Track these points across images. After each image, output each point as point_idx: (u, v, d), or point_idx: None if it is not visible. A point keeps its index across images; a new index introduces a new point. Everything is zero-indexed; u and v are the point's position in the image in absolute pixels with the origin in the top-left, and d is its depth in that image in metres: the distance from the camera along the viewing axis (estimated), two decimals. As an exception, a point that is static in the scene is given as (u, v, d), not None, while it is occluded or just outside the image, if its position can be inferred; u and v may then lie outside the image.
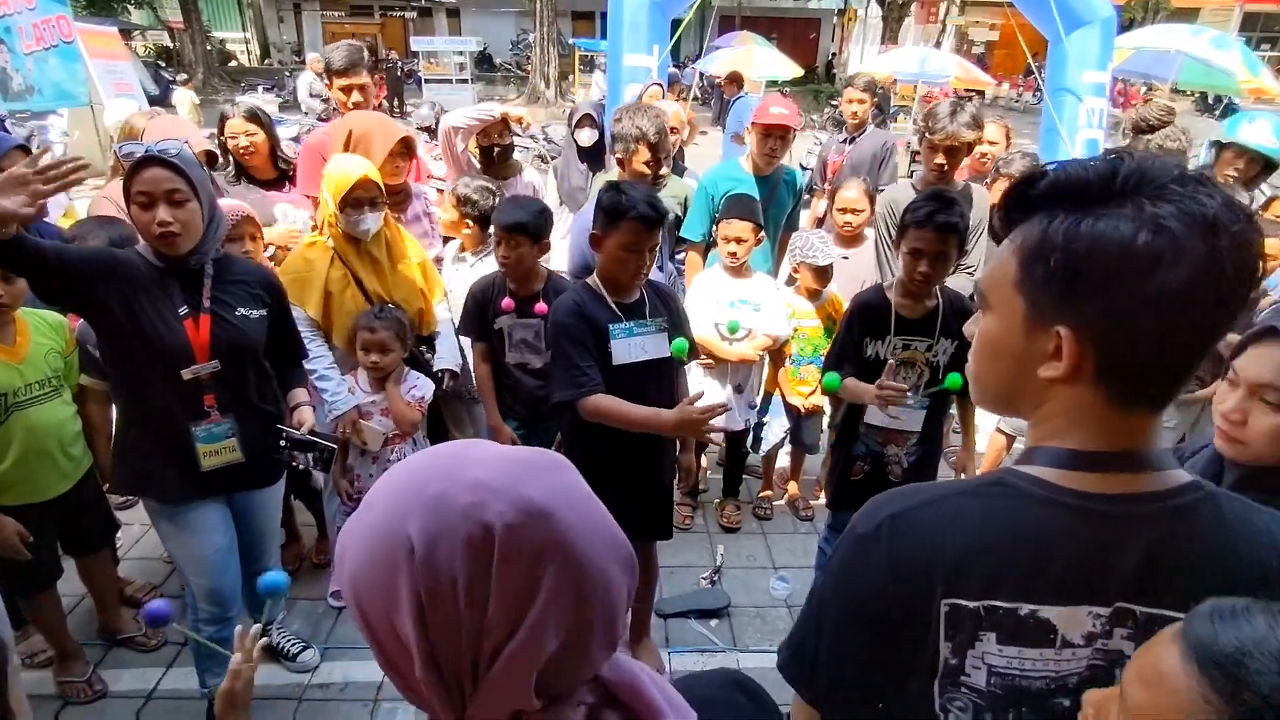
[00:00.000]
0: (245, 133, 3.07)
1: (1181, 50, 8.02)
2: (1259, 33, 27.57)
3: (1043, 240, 0.74)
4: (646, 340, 2.24)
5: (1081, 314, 0.73)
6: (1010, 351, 0.80)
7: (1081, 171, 0.73)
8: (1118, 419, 0.77)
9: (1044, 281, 0.74)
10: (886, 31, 23.80)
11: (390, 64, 19.89)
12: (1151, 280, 0.68)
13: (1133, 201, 0.70)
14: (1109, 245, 0.70)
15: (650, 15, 6.24)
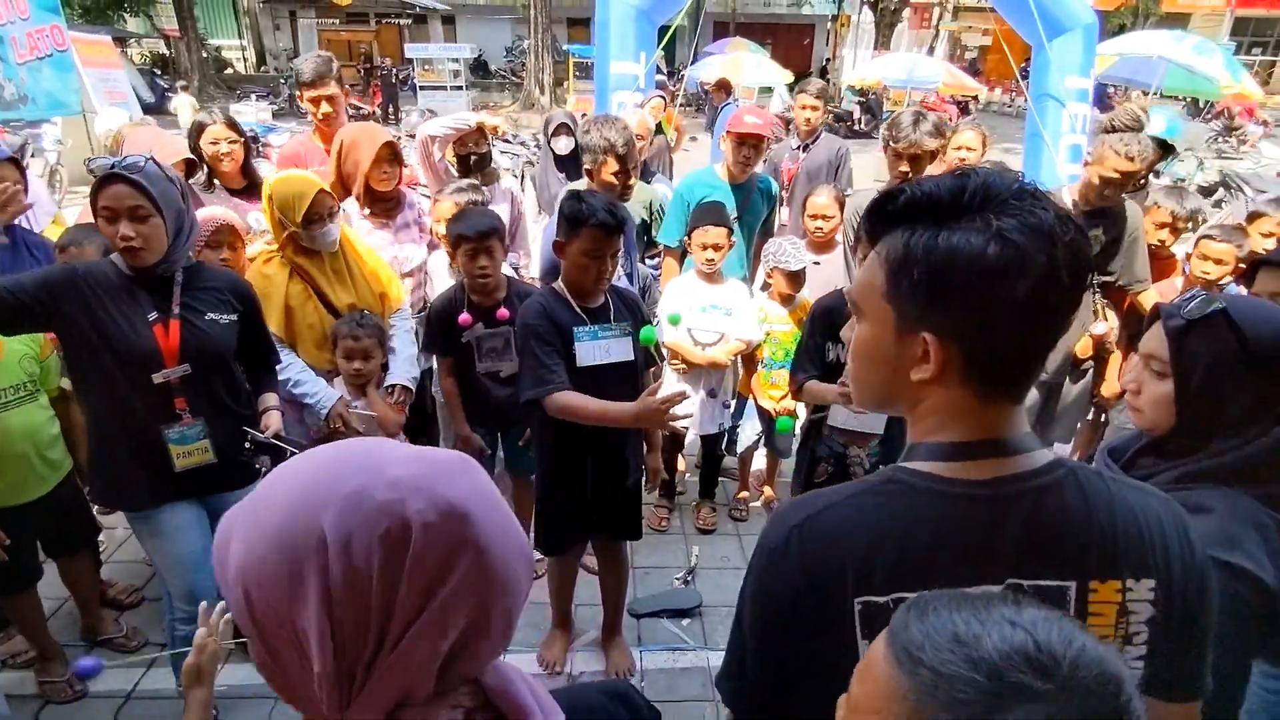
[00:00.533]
0: (227, 139, 3.12)
1: (1164, 56, 8.11)
2: (1250, 37, 27.77)
3: (905, 254, 0.80)
4: (611, 344, 2.32)
5: (944, 321, 0.80)
6: (884, 356, 0.86)
7: (934, 189, 0.80)
8: (985, 411, 0.83)
9: (909, 292, 0.80)
10: (879, 37, 23.94)
11: (385, 71, 20.02)
12: (1002, 287, 0.75)
13: (980, 216, 0.77)
14: (963, 257, 0.76)
15: (637, 23, 6.29)
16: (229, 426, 2.17)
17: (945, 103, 15.49)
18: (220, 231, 2.56)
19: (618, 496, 2.51)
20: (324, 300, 2.58)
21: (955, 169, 0.83)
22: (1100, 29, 7.08)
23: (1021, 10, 6.45)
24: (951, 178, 0.80)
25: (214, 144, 3.11)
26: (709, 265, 3.12)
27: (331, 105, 3.33)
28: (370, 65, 21.96)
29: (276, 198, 2.43)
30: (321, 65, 3.28)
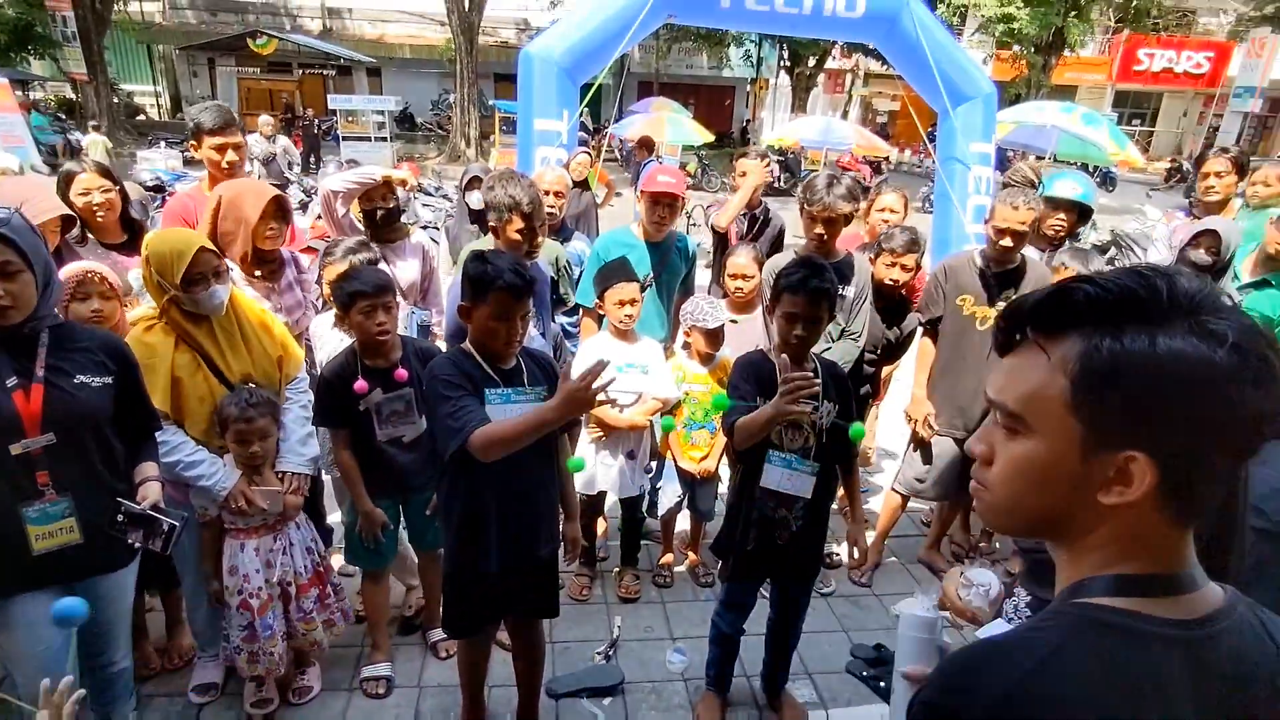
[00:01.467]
0: (100, 189, 2.89)
1: (1056, 125, 8.70)
2: (1130, 108, 30.36)
3: (1112, 362, 0.70)
4: (526, 409, 2.15)
5: (1156, 438, 0.69)
6: (1063, 477, 0.74)
7: (1129, 285, 0.71)
8: (1175, 538, 0.74)
9: (1114, 407, 0.70)
10: (796, 100, 25.11)
11: (307, 121, 19.70)
12: (1233, 397, 0.67)
13: (1194, 318, 0.69)
14: (1190, 366, 0.67)
15: (559, 81, 6.34)
16: (100, 502, 1.94)
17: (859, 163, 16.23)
18: (84, 283, 2.32)
19: (531, 570, 2.34)
20: (215, 370, 2.35)
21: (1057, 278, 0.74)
22: (999, 98, 7.54)
23: (926, 80, 6.80)
24: (1131, 274, 0.71)
25: (84, 195, 2.87)
26: (627, 322, 3.06)
27: (237, 154, 3.15)
28: (292, 115, 21.58)
29: (153, 257, 2.21)
30: (225, 113, 3.12)
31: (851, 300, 3.24)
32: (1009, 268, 3.27)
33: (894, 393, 3.96)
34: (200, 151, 3.16)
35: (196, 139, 3.15)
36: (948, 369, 3.43)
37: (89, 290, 2.33)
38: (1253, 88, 24.23)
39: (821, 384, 2.42)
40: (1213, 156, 4.08)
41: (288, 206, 2.87)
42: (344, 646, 2.94)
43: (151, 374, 2.19)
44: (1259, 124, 28.24)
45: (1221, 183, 4.04)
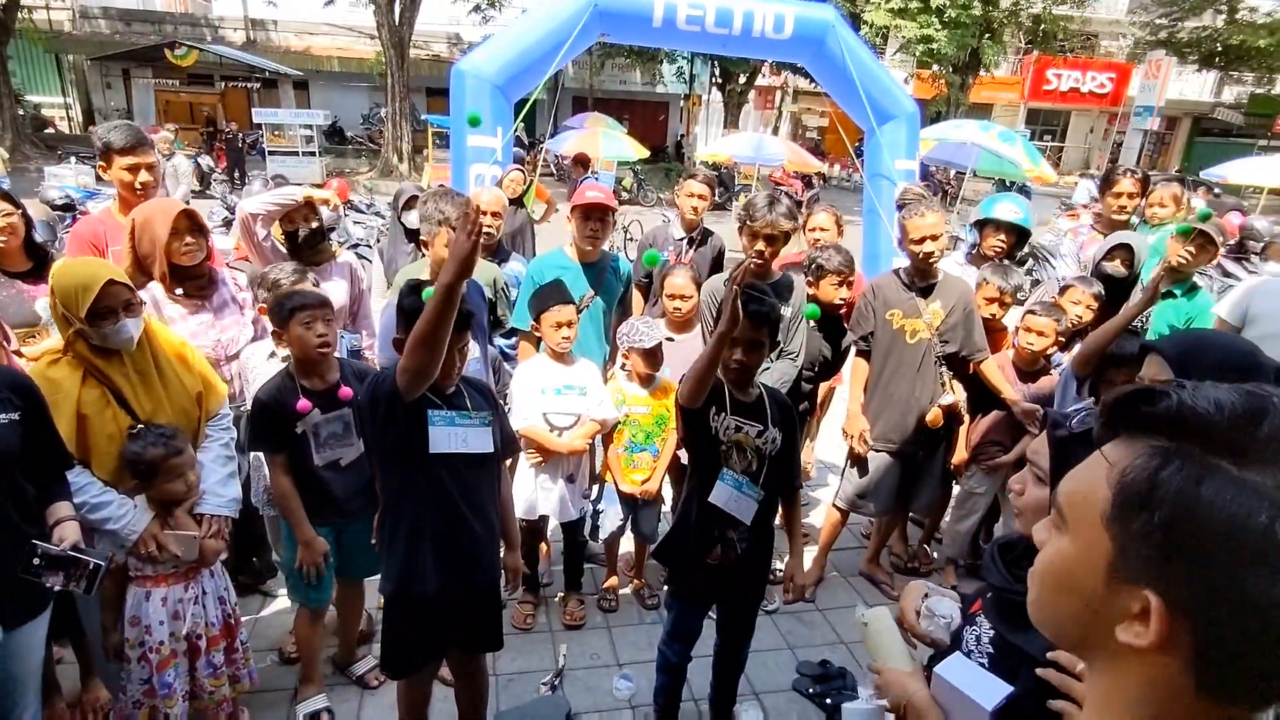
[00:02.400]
0: (1, 213, 2.71)
1: (975, 143, 9.06)
2: (1041, 125, 31.98)
3: (1150, 485, 0.60)
4: (470, 433, 2.12)
5: (1181, 588, 0.59)
6: (1083, 592, 0.66)
7: (1219, 403, 0.60)
8: (1210, 713, 0.62)
9: (1141, 534, 0.61)
10: (728, 115, 25.54)
11: (230, 135, 19.00)
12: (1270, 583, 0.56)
13: (1270, 465, 0.57)
14: (1228, 524, 0.56)
15: (492, 97, 6.26)
16: (10, 547, 1.79)
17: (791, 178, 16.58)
18: None
19: (471, 600, 2.27)
20: (126, 407, 2.19)
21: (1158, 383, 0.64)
22: (920, 115, 7.80)
23: (853, 99, 7.00)
24: (1242, 393, 0.60)
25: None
26: (564, 344, 3.02)
27: (150, 173, 3.00)
28: (214, 129, 20.78)
29: (58, 290, 2.07)
30: (135, 131, 2.97)
31: (789, 319, 3.27)
32: (932, 281, 3.38)
33: (835, 408, 4.01)
34: (110, 173, 2.98)
35: (106, 159, 2.98)
36: (880, 383, 3.50)
37: None
38: (1151, 106, 25.83)
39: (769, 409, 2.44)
40: (1121, 176, 4.23)
41: (199, 220, 2.73)
42: (275, 690, 2.80)
43: (55, 411, 2.03)
44: (1157, 140, 30.15)
45: (1132, 202, 4.22)
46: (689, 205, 4.23)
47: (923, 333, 3.37)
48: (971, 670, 1.25)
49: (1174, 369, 1.52)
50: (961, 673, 1.24)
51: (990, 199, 4.18)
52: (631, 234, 10.81)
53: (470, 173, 6.03)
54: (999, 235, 3.90)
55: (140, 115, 24.74)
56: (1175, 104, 28.83)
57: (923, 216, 3.24)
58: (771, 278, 3.29)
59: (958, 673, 1.24)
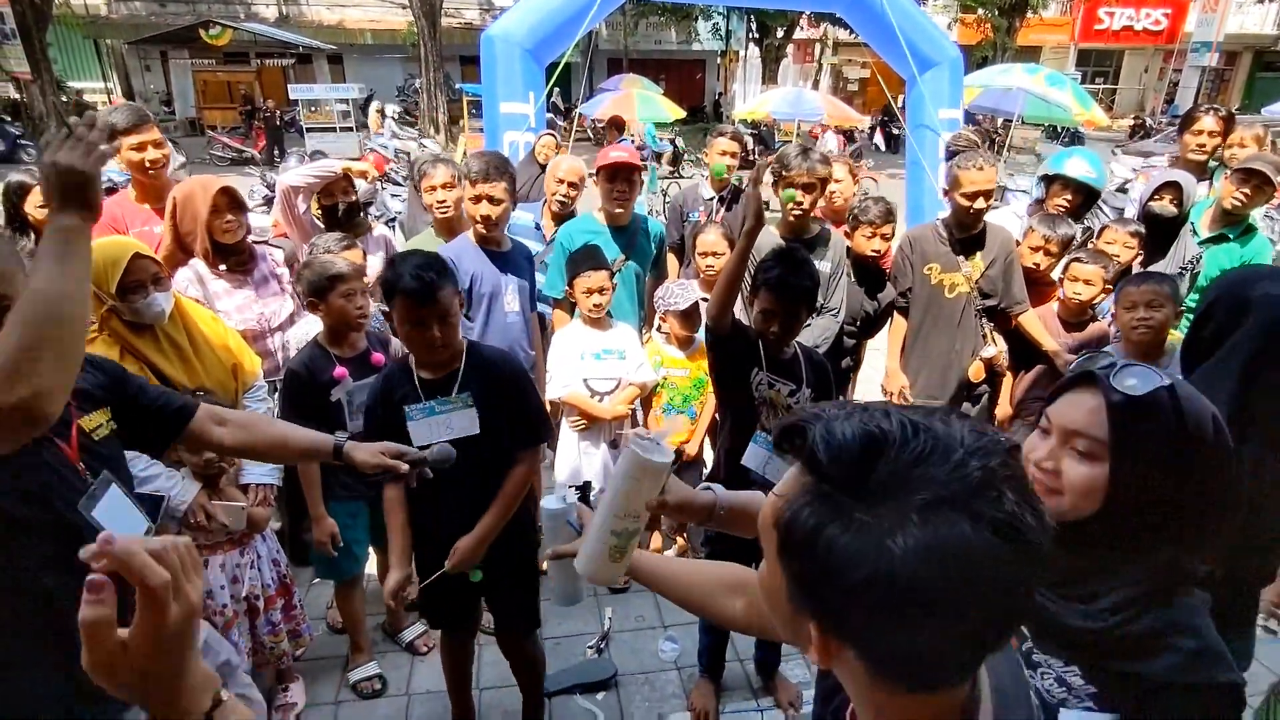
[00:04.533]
0: None
1: (1022, 88, 8.69)
2: (1092, 67, 30.53)
3: (789, 529, 0.63)
4: (452, 418, 2.05)
5: (832, 621, 0.64)
6: (782, 614, 0.70)
7: (842, 440, 0.61)
8: (921, 701, 0.67)
9: (794, 573, 0.65)
10: (766, 71, 24.93)
11: (268, 113, 19.23)
12: (887, 619, 0.59)
13: (889, 510, 0.58)
14: (846, 568, 0.59)
15: (523, 62, 6.19)
16: None
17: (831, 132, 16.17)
18: None
19: (503, 583, 2.25)
20: (165, 382, 2.23)
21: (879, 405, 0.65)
22: (965, 62, 7.50)
23: (893, 47, 6.74)
24: (865, 429, 0.61)
25: (44, 208, 2.77)
26: (596, 311, 2.99)
27: (158, 149, 2.99)
28: (252, 107, 21.03)
29: None
30: (136, 110, 2.96)
31: (828, 276, 3.20)
32: (972, 233, 3.26)
33: (868, 363, 3.93)
34: (121, 156, 2.97)
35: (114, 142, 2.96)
36: (919, 338, 3.43)
37: None
38: (1209, 42, 24.47)
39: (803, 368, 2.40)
40: (1203, 113, 3.96)
41: (238, 198, 2.75)
42: (325, 658, 2.88)
43: None
44: (1216, 77, 28.55)
45: (1212, 141, 3.98)
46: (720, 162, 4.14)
47: (961, 286, 3.27)
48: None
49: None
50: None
51: (1063, 152, 3.96)
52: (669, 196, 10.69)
53: (504, 139, 6.00)
54: (1065, 193, 3.69)
55: (180, 96, 25.18)
56: (1235, 38, 27.22)
57: (979, 170, 3.10)
58: (809, 231, 3.22)
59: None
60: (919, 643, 0.60)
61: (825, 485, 0.61)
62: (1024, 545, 0.58)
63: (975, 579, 0.58)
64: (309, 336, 2.63)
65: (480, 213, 2.80)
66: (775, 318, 2.27)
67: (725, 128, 4.43)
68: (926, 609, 0.58)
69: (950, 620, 0.59)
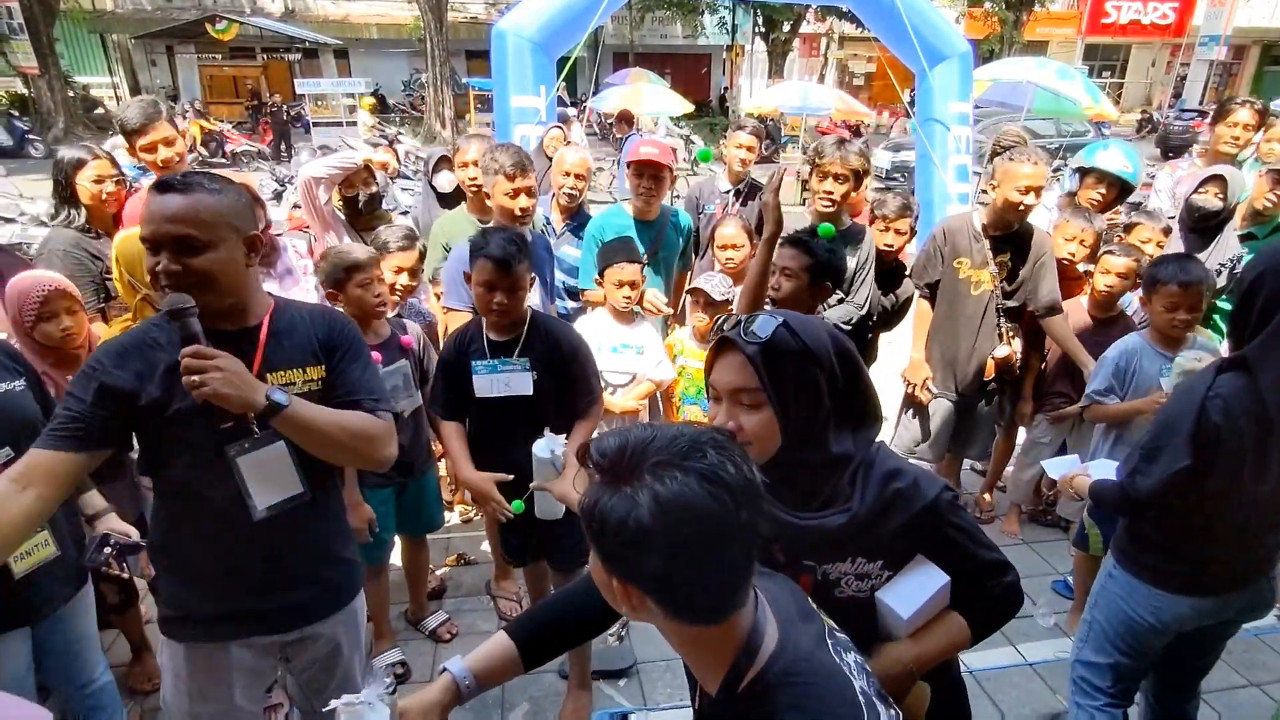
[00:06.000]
0: (112, 177, 2.80)
1: (1032, 81, 8.65)
2: (1099, 61, 30.38)
3: (585, 507, 0.87)
4: (512, 379, 2.32)
5: (624, 572, 0.87)
6: (603, 585, 0.93)
7: (599, 455, 0.87)
8: (719, 630, 0.92)
9: (593, 541, 0.89)
10: (773, 65, 24.88)
11: (275, 108, 19.25)
12: (641, 560, 0.84)
13: (635, 480, 0.83)
14: (608, 525, 0.84)
15: (533, 56, 6.21)
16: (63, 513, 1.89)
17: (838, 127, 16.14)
18: (51, 300, 2.20)
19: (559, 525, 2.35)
20: None
21: (620, 429, 0.90)
22: (974, 56, 7.48)
23: (902, 41, 6.73)
24: (617, 439, 0.87)
25: (98, 182, 2.79)
26: (627, 303, 3.01)
27: (169, 146, 2.93)
28: (259, 102, 21.06)
29: (123, 258, 2.14)
30: (148, 108, 2.92)
31: (855, 269, 3.22)
32: (1010, 232, 3.24)
33: (883, 355, 3.95)
34: (134, 156, 2.97)
35: (129, 143, 2.95)
36: (942, 331, 3.43)
37: (55, 309, 2.22)
38: (1217, 35, 24.31)
39: None
40: (1238, 106, 3.92)
41: (254, 192, 2.75)
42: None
43: None
44: (1224, 71, 28.39)
45: (1246, 134, 3.93)
46: (737, 156, 4.15)
47: (987, 284, 3.27)
48: (908, 584, 1.28)
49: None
50: (905, 591, 1.28)
51: (1096, 143, 3.91)
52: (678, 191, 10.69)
53: (514, 134, 6.02)
54: (1099, 187, 3.66)
55: (186, 91, 25.22)
56: (1243, 31, 27.04)
57: (1033, 164, 3.04)
58: (841, 224, 3.24)
59: (903, 594, 1.28)
60: (686, 577, 0.84)
61: (599, 477, 0.86)
62: (725, 487, 0.82)
63: (698, 515, 0.81)
64: None
65: (520, 206, 2.87)
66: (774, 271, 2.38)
67: (745, 121, 4.45)
68: (675, 545, 0.81)
69: (695, 552, 0.82)
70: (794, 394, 1.18)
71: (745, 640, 0.91)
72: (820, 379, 1.18)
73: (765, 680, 0.90)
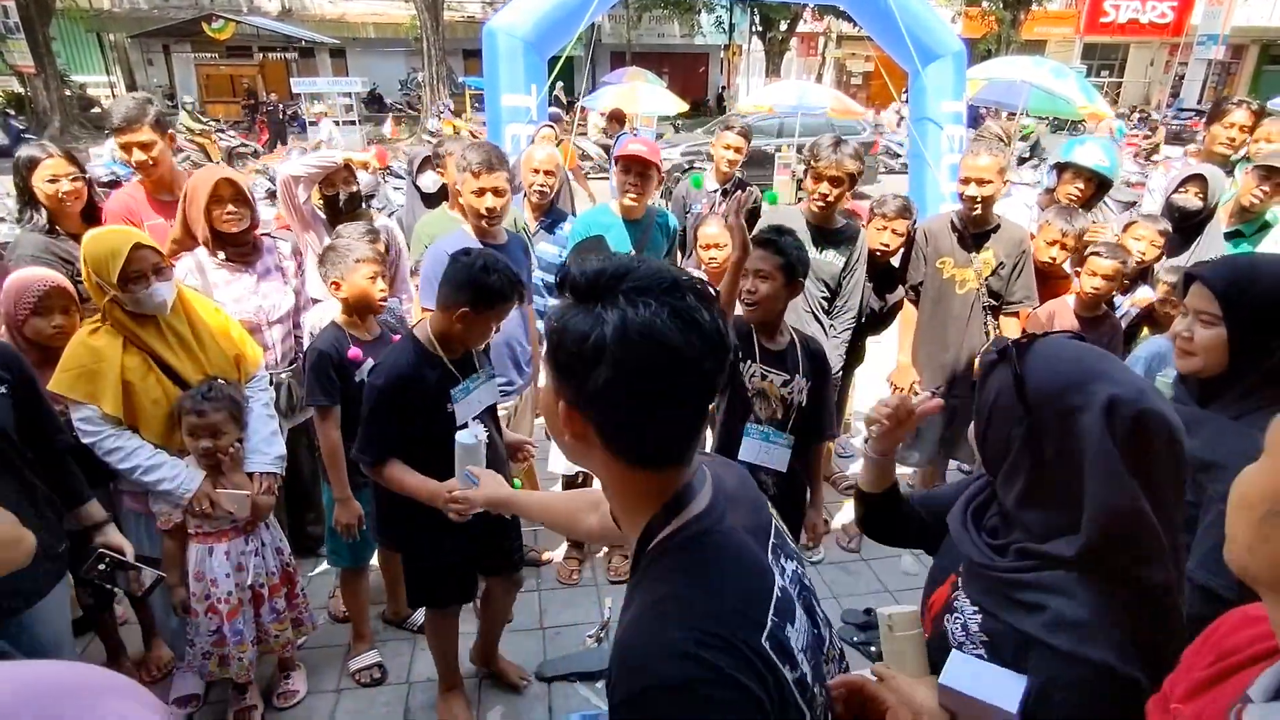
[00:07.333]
0: (67, 176, 2.76)
1: (1027, 80, 8.64)
2: (1098, 60, 30.36)
3: (548, 322, 0.89)
4: (483, 392, 2.26)
5: (574, 393, 0.84)
6: (551, 415, 0.91)
7: (579, 273, 0.84)
8: (653, 478, 0.89)
9: (550, 359, 0.86)
10: (770, 65, 24.86)
11: (271, 107, 19.23)
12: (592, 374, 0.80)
13: (599, 302, 0.81)
14: (568, 339, 0.82)
15: (525, 55, 6.18)
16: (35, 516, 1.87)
17: (834, 127, 16.10)
18: (49, 296, 2.26)
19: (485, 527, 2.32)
20: (169, 372, 2.25)
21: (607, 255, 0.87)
22: (969, 55, 7.46)
23: (895, 39, 6.71)
24: (601, 260, 0.85)
25: (53, 181, 2.76)
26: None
27: (145, 153, 2.91)
28: (255, 101, 21.03)
29: (89, 257, 2.11)
30: (133, 109, 2.88)
31: (840, 269, 3.22)
32: (986, 228, 3.24)
33: (870, 357, 3.93)
34: (121, 152, 2.96)
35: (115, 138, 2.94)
36: (928, 333, 3.41)
37: (52, 305, 2.25)
38: (1215, 35, 24.26)
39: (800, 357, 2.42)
40: (1234, 106, 3.90)
41: (241, 190, 2.72)
42: (327, 647, 2.90)
43: (100, 379, 2.11)
44: (1222, 70, 28.35)
45: (1242, 135, 3.91)
46: (724, 156, 4.14)
47: (971, 283, 3.26)
48: (977, 668, 1.09)
49: (1220, 299, 1.44)
50: (967, 675, 1.08)
51: (1074, 140, 3.92)
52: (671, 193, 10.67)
53: (506, 133, 6.00)
54: (1077, 182, 3.66)
55: (183, 90, 25.18)
56: (1241, 30, 26.98)
57: (975, 156, 3.11)
58: (834, 224, 3.22)
59: (963, 676, 1.08)
60: (633, 409, 0.82)
61: (571, 298, 0.84)
62: (696, 329, 0.80)
63: (661, 346, 0.78)
64: (324, 322, 2.64)
65: (485, 206, 2.79)
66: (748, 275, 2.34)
67: (733, 121, 4.41)
68: (631, 372, 0.79)
69: (649, 385, 0.80)
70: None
71: (673, 497, 0.89)
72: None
73: (676, 539, 0.87)
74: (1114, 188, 3.97)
